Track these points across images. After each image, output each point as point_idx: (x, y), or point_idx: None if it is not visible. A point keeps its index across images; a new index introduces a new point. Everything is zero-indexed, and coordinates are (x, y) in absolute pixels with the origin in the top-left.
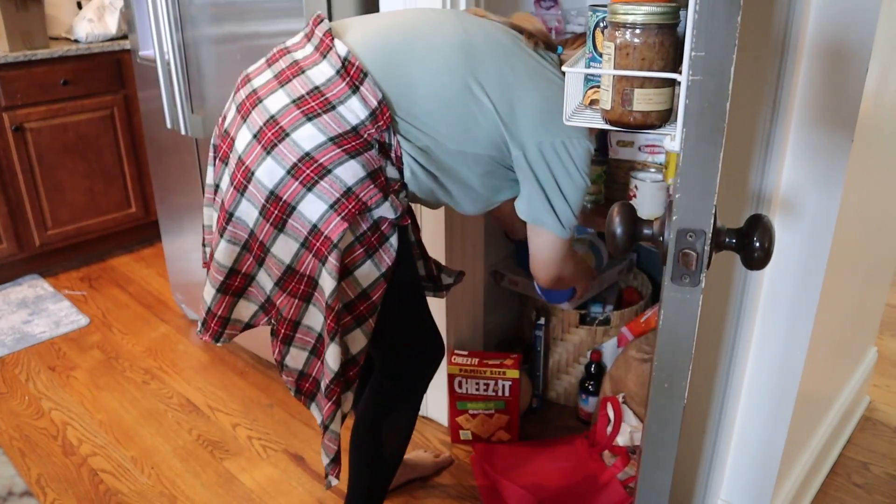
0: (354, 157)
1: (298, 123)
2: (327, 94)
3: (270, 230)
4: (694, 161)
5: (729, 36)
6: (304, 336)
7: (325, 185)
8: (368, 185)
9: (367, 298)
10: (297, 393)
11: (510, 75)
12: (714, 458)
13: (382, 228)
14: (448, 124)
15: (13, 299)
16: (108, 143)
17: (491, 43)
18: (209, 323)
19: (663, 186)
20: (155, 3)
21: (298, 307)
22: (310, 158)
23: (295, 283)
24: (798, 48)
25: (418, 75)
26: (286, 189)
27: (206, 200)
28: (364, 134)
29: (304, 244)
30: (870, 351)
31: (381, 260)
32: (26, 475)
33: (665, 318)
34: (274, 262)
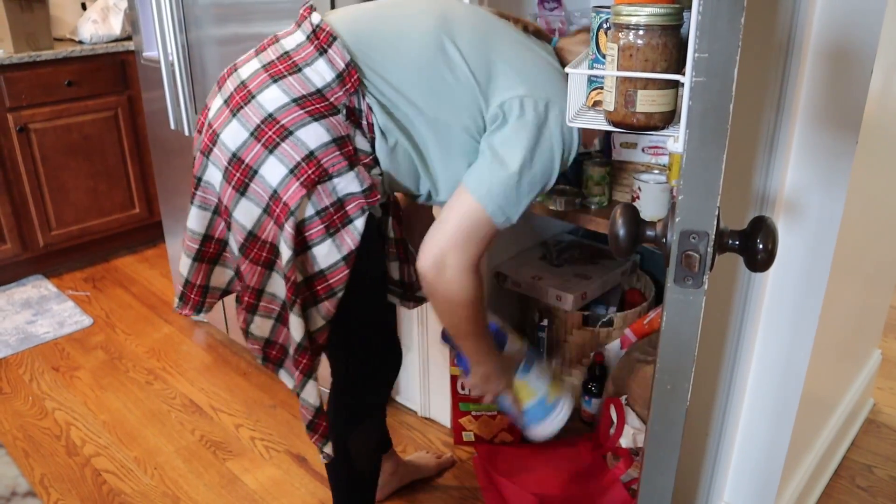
0: (318, 119)
1: (265, 86)
2: (295, 58)
3: (233, 194)
4: (697, 163)
5: (732, 37)
6: (269, 304)
7: (286, 148)
8: (333, 152)
9: (325, 280)
10: (264, 360)
11: (489, 38)
12: (717, 460)
13: (348, 208)
14: (421, 89)
15: (17, 300)
16: (111, 144)
17: (472, 13)
18: (188, 295)
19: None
20: (159, 5)
21: (262, 274)
22: (272, 119)
23: (257, 249)
24: (802, 49)
25: (392, 39)
26: (248, 151)
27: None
28: (331, 97)
29: (265, 210)
30: (874, 353)
31: (342, 242)
32: (30, 475)
33: (668, 320)
34: (237, 228)
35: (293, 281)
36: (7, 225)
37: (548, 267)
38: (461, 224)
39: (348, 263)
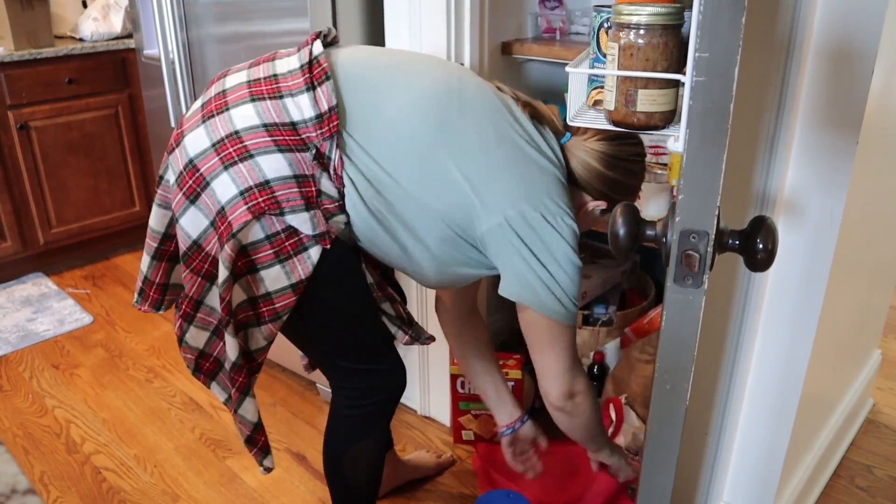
0: (283, 151)
1: (241, 101)
2: (281, 83)
3: (182, 200)
4: (697, 162)
5: (733, 37)
6: (207, 316)
7: (241, 169)
8: (291, 187)
9: (271, 303)
10: (195, 371)
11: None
12: (717, 459)
13: (302, 237)
14: (408, 165)
15: (17, 297)
16: (112, 142)
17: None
18: (147, 292)
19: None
20: (160, 2)
21: (201, 286)
22: (237, 137)
23: (199, 260)
24: (803, 49)
25: (389, 101)
26: (205, 162)
27: None
28: (303, 134)
29: (212, 223)
30: (874, 353)
31: (293, 269)
32: (29, 473)
33: (668, 320)
34: (182, 235)
35: (227, 301)
36: (7, 222)
37: None
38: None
39: (296, 291)
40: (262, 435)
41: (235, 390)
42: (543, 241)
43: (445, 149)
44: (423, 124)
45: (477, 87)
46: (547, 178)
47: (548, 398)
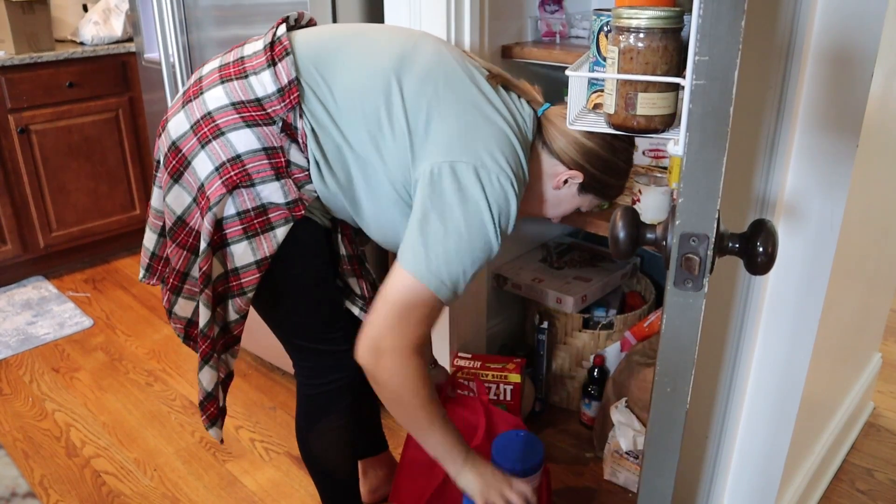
0: (251, 126)
1: (213, 85)
2: (246, 64)
3: (167, 179)
4: (697, 165)
5: (733, 40)
6: (192, 286)
7: (215, 146)
8: (261, 159)
9: (238, 278)
10: (185, 339)
11: (440, 92)
12: (717, 463)
13: (271, 216)
14: (357, 127)
15: (17, 301)
16: (112, 146)
17: (436, 60)
18: (154, 266)
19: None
20: (160, 6)
21: (186, 259)
22: (210, 117)
23: (184, 234)
24: (803, 52)
25: (345, 68)
26: (186, 143)
27: None
28: (268, 108)
29: (195, 199)
30: (874, 357)
31: (258, 246)
32: (29, 476)
33: (668, 323)
34: (168, 212)
35: (205, 271)
36: (8, 226)
37: (548, 269)
38: (398, 303)
39: (260, 268)
40: (213, 405)
41: (199, 356)
42: (464, 196)
43: (389, 107)
44: (372, 86)
45: (433, 51)
46: (493, 134)
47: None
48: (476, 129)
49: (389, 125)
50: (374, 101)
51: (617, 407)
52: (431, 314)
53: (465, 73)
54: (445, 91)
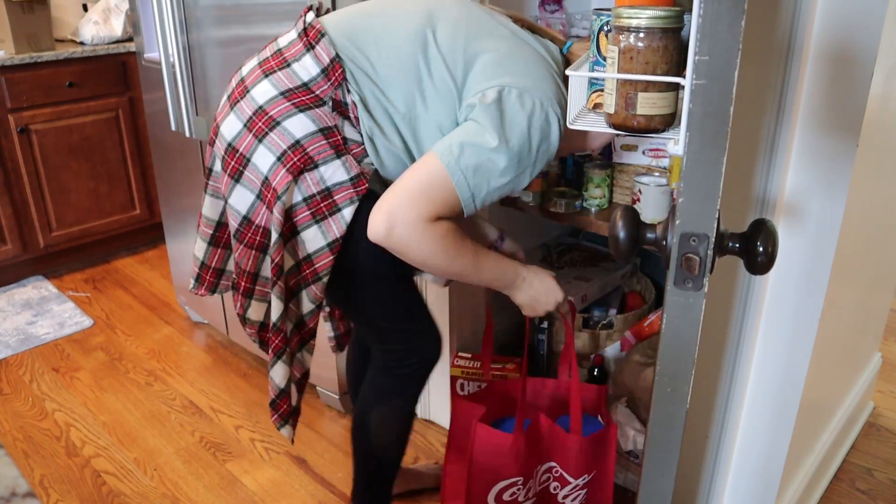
0: (304, 111)
1: (258, 81)
2: (285, 54)
3: (228, 181)
4: (697, 165)
5: (733, 40)
6: (263, 287)
7: (273, 137)
8: (319, 140)
9: (311, 265)
10: (261, 344)
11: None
12: (717, 462)
13: (336, 197)
14: (403, 85)
15: (17, 300)
16: (112, 145)
17: (461, 9)
18: (204, 276)
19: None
20: (160, 6)
21: (256, 258)
22: (262, 111)
23: (251, 234)
24: (803, 52)
25: (379, 35)
26: (242, 141)
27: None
28: (316, 90)
29: (258, 195)
30: (874, 356)
31: (328, 229)
32: (29, 476)
33: (668, 323)
34: (232, 213)
35: (277, 263)
36: (7, 226)
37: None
38: (418, 180)
39: (333, 250)
40: (285, 402)
41: (271, 352)
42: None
43: (427, 60)
44: (408, 44)
45: (459, 4)
46: (533, 63)
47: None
48: (515, 60)
49: (429, 77)
50: (412, 58)
51: (617, 407)
52: (448, 205)
53: (492, 17)
54: (478, 33)
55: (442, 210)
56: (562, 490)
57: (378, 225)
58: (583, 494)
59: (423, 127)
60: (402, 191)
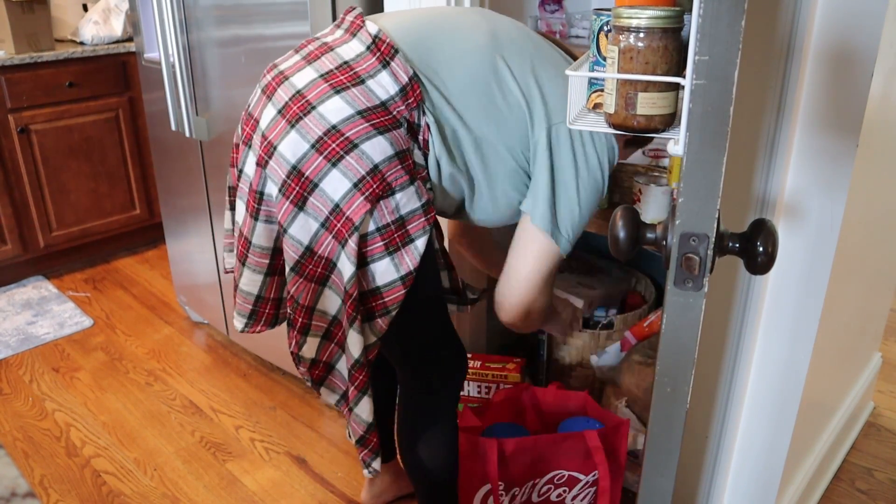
0: (382, 133)
1: (326, 96)
2: (356, 69)
3: (290, 208)
4: (697, 165)
5: (733, 40)
6: (319, 321)
7: (350, 161)
8: (396, 166)
9: (380, 297)
10: (313, 384)
11: (536, 60)
12: (717, 463)
13: (409, 227)
14: (473, 107)
15: (17, 300)
16: (112, 145)
17: (518, 32)
18: (262, 311)
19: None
20: (160, 6)
21: (314, 291)
22: (336, 132)
23: (312, 265)
24: (803, 52)
25: (449, 53)
26: (309, 164)
27: (229, 204)
28: (394, 111)
29: (324, 224)
30: (874, 356)
31: (401, 261)
32: (29, 476)
33: (668, 323)
34: (292, 244)
35: (354, 297)
36: (7, 226)
37: None
38: (540, 268)
39: (405, 284)
40: (374, 436)
41: (354, 389)
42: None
43: (500, 81)
44: (479, 64)
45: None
46: None
47: (502, 306)
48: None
49: (503, 98)
50: (484, 79)
51: (617, 407)
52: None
53: (542, 39)
54: (540, 58)
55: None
56: (570, 492)
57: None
58: (592, 493)
59: (491, 149)
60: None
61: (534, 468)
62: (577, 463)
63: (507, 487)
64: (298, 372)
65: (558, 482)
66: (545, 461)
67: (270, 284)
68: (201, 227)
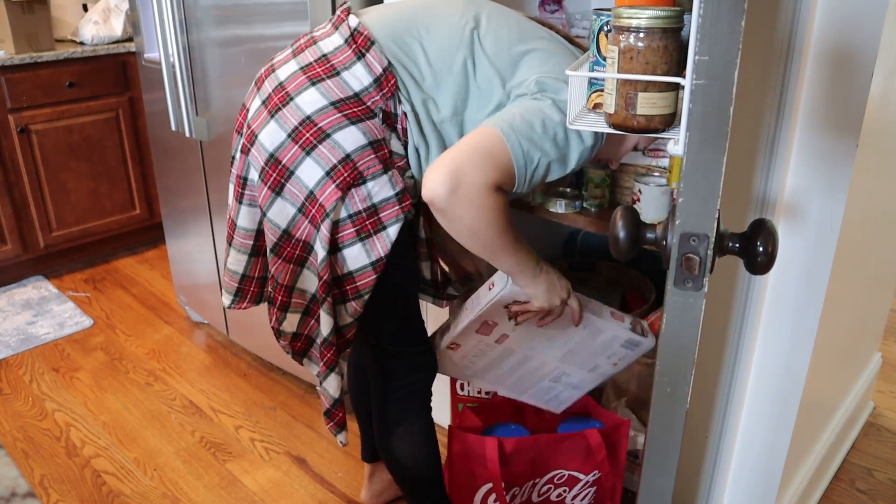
0: (355, 123)
1: (303, 88)
2: (333, 61)
3: (268, 194)
4: (697, 165)
5: (733, 40)
6: (298, 299)
7: (323, 150)
8: (368, 155)
9: (353, 281)
10: (293, 355)
11: (513, 34)
12: (717, 463)
13: (382, 215)
14: (450, 88)
15: (17, 300)
16: (112, 145)
17: (501, 10)
18: (246, 289)
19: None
20: (160, 6)
21: (293, 272)
22: (310, 122)
23: (290, 248)
24: (803, 52)
25: (424, 38)
26: (286, 153)
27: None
28: (368, 101)
29: (300, 209)
30: (874, 356)
31: (372, 247)
32: (29, 476)
33: (668, 323)
34: (271, 227)
35: (325, 280)
36: (8, 226)
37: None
38: (479, 144)
39: (376, 269)
40: (340, 411)
41: (323, 365)
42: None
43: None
44: (454, 45)
45: (494, 5)
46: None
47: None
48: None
49: (475, 78)
50: (460, 61)
51: (617, 407)
52: (507, 174)
53: (529, 21)
54: (521, 35)
55: (503, 178)
56: (570, 492)
57: (439, 185)
58: (592, 493)
59: (467, 129)
60: (467, 152)
61: (534, 468)
62: (578, 462)
63: (507, 487)
64: (279, 345)
65: (558, 482)
66: (545, 461)
67: (255, 264)
68: (201, 227)
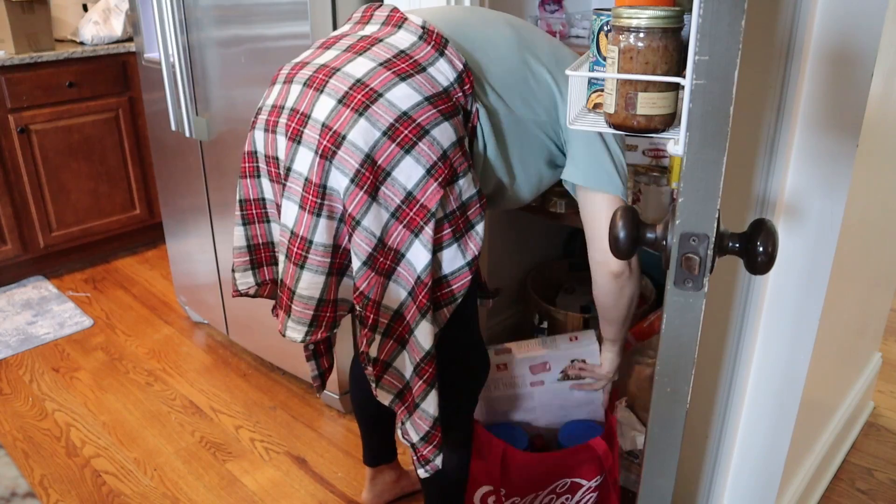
0: (448, 119)
1: (391, 83)
2: (415, 57)
3: (364, 198)
4: (697, 165)
5: (733, 40)
6: (382, 318)
7: (423, 147)
8: (458, 152)
9: (447, 285)
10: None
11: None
12: (717, 463)
13: (469, 213)
14: (513, 89)
15: (17, 300)
16: (112, 145)
17: (526, 25)
18: (323, 315)
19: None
20: (160, 6)
21: (382, 285)
22: (408, 118)
23: (383, 258)
24: (803, 52)
25: (483, 43)
26: (382, 152)
27: (238, 219)
28: (453, 97)
29: (394, 214)
30: (874, 356)
31: (466, 247)
32: (29, 476)
33: (668, 323)
34: (365, 237)
35: (429, 286)
36: (8, 226)
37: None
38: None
39: (471, 269)
40: (439, 430)
41: (423, 383)
42: None
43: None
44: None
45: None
46: None
47: (608, 265)
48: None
49: (534, 79)
50: (517, 64)
51: (617, 407)
52: None
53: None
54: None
55: None
56: (573, 499)
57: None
58: (594, 497)
59: (526, 130)
60: None
61: (538, 483)
62: (582, 471)
63: (507, 496)
64: (366, 373)
65: (561, 490)
66: (550, 475)
67: (331, 285)
68: (201, 227)
